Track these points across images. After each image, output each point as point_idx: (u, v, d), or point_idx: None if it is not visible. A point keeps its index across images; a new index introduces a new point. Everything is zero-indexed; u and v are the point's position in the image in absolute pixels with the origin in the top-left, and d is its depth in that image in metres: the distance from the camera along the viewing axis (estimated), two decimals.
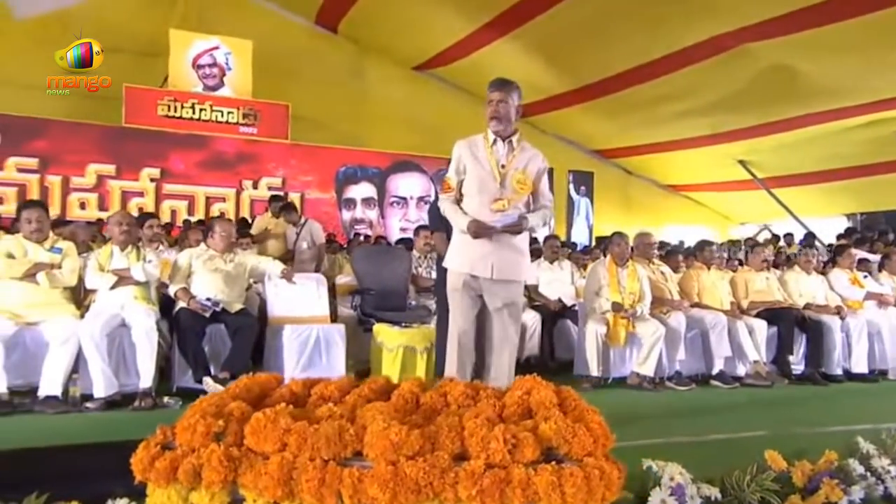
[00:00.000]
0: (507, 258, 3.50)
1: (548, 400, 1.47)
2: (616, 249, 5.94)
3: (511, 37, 12.47)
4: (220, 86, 12.78)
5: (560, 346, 6.37)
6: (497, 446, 1.21)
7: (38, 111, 11.63)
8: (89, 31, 12.31)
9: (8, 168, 11.32)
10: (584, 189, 15.12)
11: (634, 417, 4.69)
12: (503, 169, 3.51)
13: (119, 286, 4.62)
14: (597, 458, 1.26)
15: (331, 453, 1.22)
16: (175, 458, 1.31)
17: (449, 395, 1.53)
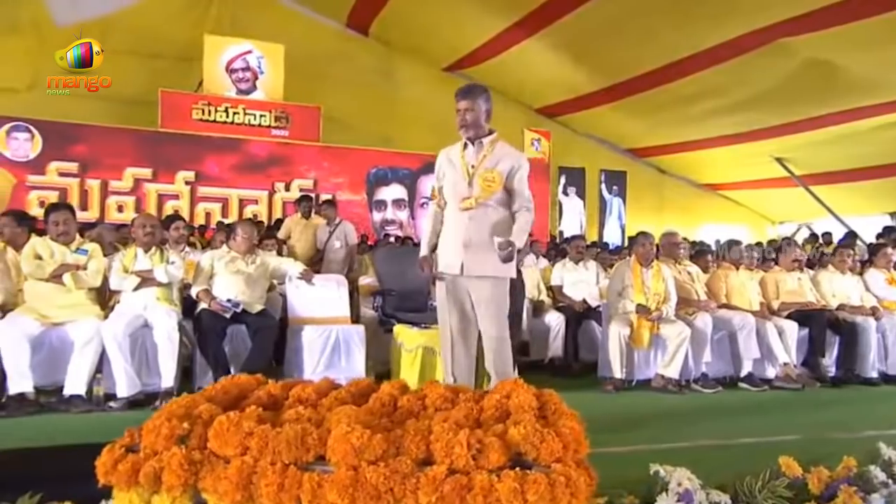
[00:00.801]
0: (476, 257, 3.53)
1: (526, 403, 1.44)
2: (641, 249, 5.84)
3: (540, 36, 12.38)
4: (253, 89, 12.95)
5: (584, 348, 6.28)
6: (460, 451, 1.19)
7: (78, 117, 11.93)
8: (127, 37, 12.71)
9: (50, 172, 11.63)
10: (616, 188, 14.94)
11: (654, 420, 4.62)
12: (473, 169, 3.56)
13: (142, 287, 4.70)
14: (566, 464, 1.22)
15: (292, 457, 1.21)
16: (137, 462, 1.31)
17: (427, 398, 1.51)
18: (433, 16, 12.92)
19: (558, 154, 14.70)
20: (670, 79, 12.33)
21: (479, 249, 3.53)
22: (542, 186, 14.53)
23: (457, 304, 3.64)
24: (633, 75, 12.77)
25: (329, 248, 7.76)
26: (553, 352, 6.22)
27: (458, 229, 3.58)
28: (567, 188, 14.79)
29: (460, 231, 3.57)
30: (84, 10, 12.82)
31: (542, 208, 14.50)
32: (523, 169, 3.61)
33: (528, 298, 6.40)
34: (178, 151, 12.19)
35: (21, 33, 12.34)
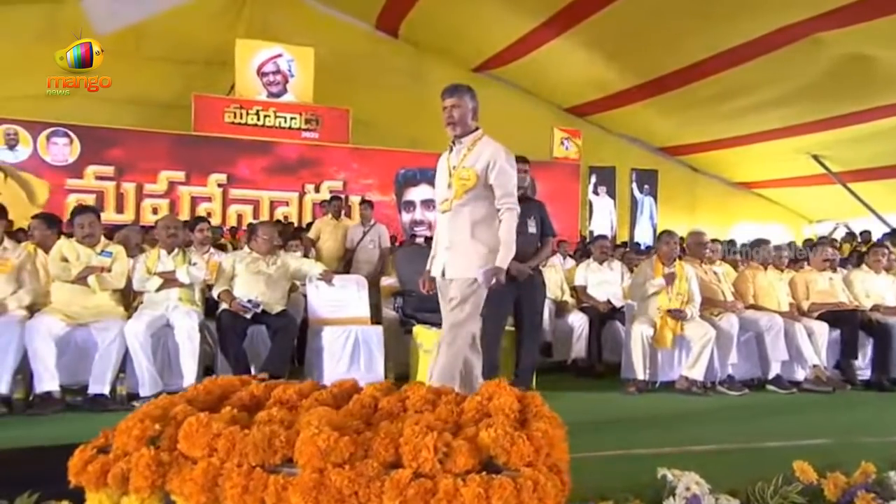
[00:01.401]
0: (455, 258, 3.47)
1: (507, 406, 1.41)
2: (664, 248, 5.75)
3: (569, 34, 12.28)
4: (284, 92, 13.09)
5: (608, 349, 6.20)
6: (427, 455, 1.17)
7: (114, 122, 12.21)
8: (161, 43, 12.97)
9: (87, 176, 11.90)
10: (647, 188, 14.74)
11: (675, 422, 4.54)
12: (453, 170, 3.48)
13: (165, 288, 4.77)
14: (537, 468, 1.19)
15: (259, 460, 1.20)
16: (106, 462, 1.32)
17: (408, 399, 1.50)
18: (462, 16, 12.91)
19: (588, 153, 14.56)
20: (703, 75, 12.13)
21: (460, 250, 3.44)
22: (572, 186, 14.42)
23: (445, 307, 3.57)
24: (665, 72, 12.59)
25: (361, 249, 7.81)
26: (576, 353, 6.16)
27: (441, 232, 3.55)
28: (597, 187, 14.64)
29: (442, 234, 3.53)
30: (121, 17, 13.11)
31: (572, 208, 14.38)
32: (500, 162, 3.41)
33: (550, 299, 6.34)
34: (211, 154, 12.38)
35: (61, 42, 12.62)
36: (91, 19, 13.01)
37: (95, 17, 13.05)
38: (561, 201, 14.25)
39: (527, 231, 4.84)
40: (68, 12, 12.74)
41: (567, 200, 14.27)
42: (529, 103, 14.99)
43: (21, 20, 12.01)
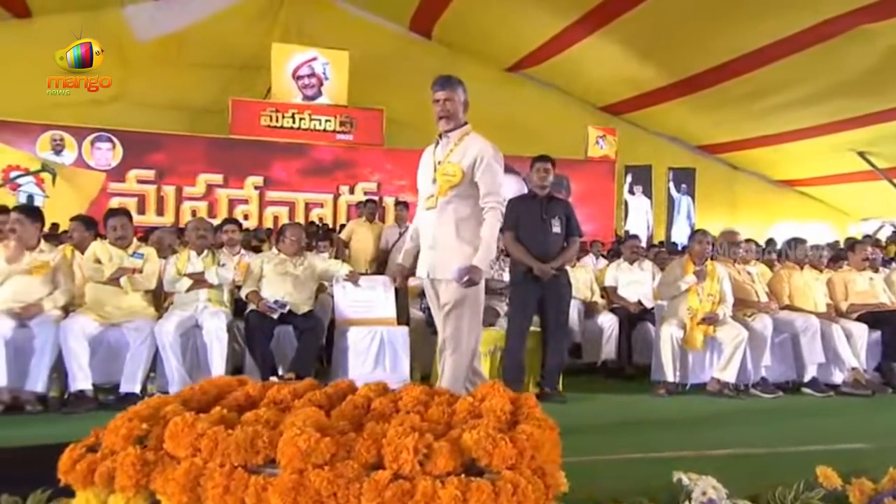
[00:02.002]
0: (440, 258, 3.32)
1: (499, 408, 1.39)
2: (696, 248, 5.63)
3: (603, 32, 12.16)
4: (318, 95, 13.23)
5: (639, 351, 6.09)
6: (406, 456, 1.16)
7: (155, 126, 12.50)
8: (200, 49, 13.23)
9: (129, 180, 12.21)
10: (685, 187, 14.48)
11: (703, 425, 4.47)
12: (439, 165, 3.35)
13: (194, 289, 4.85)
14: (520, 471, 1.17)
15: (241, 460, 1.21)
16: (93, 461, 1.33)
17: (401, 401, 1.49)
18: (495, 16, 12.87)
19: (624, 152, 14.38)
20: (742, 71, 11.89)
21: (445, 250, 3.29)
22: (607, 185, 14.27)
23: (434, 307, 3.48)
24: (701, 70, 12.38)
25: (397, 250, 7.83)
26: (606, 354, 6.07)
27: (426, 230, 3.39)
28: (633, 187, 14.44)
29: (427, 232, 3.38)
30: (161, 25, 13.44)
31: (608, 208, 14.23)
32: (487, 159, 3.27)
33: (579, 299, 6.28)
34: (248, 157, 12.57)
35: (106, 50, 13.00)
36: (133, 27, 13.36)
37: (137, 24, 13.40)
38: (596, 201, 14.12)
39: (550, 231, 4.81)
40: (110, 20, 13.10)
41: (602, 200, 14.13)
42: (563, 102, 14.88)
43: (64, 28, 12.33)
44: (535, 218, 4.85)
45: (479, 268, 3.19)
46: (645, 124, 15.07)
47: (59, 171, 10.84)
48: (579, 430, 4.24)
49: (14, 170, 10.78)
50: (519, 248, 4.86)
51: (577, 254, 6.32)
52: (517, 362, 4.86)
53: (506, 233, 4.86)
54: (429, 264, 3.35)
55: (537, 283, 4.78)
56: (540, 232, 4.82)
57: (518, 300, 4.90)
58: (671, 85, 13.24)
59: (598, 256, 8.67)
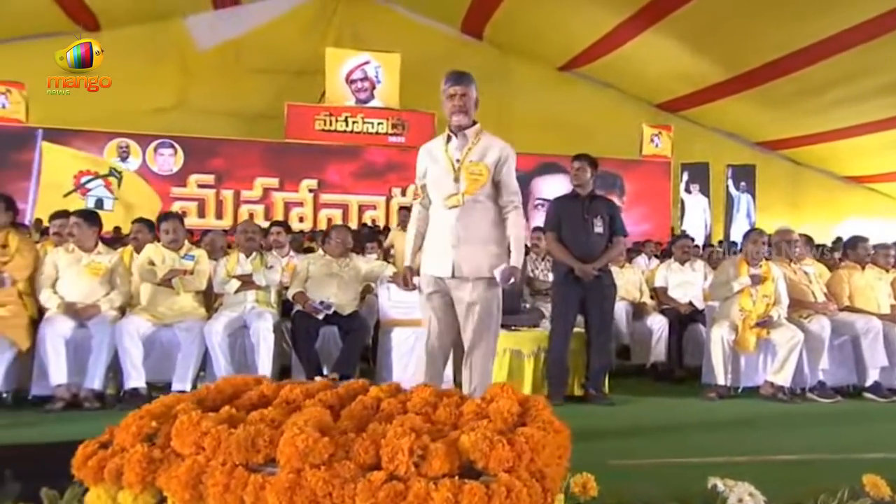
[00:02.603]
0: (467, 256, 3.25)
1: (505, 410, 1.37)
2: (750, 248, 5.44)
3: (657, 28, 11.93)
4: (371, 98, 13.39)
5: (690, 353, 5.94)
6: (402, 458, 1.15)
7: (215, 132, 12.88)
8: (258, 56, 13.57)
9: (190, 184, 12.61)
10: (744, 184, 14.05)
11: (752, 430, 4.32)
12: (458, 164, 3.29)
13: (243, 290, 4.96)
14: (517, 474, 1.15)
15: (242, 458, 1.22)
16: (104, 458, 1.37)
17: (409, 402, 1.48)
18: (546, 15, 12.79)
19: (680, 150, 14.06)
20: (804, 64, 11.49)
21: (471, 249, 3.24)
22: (662, 184, 13.97)
23: (442, 312, 3.36)
24: (761, 63, 12.02)
25: None
26: (655, 356, 5.93)
27: (446, 228, 3.29)
28: (690, 185, 14.09)
29: (447, 230, 3.28)
30: (221, 33, 13.88)
31: (663, 207, 13.94)
32: (510, 159, 3.31)
33: (628, 301, 6.17)
34: (302, 161, 12.82)
35: (168, 59, 13.53)
36: (194, 36, 13.82)
37: (198, 34, 13.87)
38: (651, 200, 13.86)
39: (592, 231, 4.74)
40: (173, 31, 13.59)
41: (658, 199, 13.86)
42: (617, 100, 14.66)
43: (130, 40, 12.87)
44: (578, 218, 4.78)
45: (517, 268, 3.23)
46: (701, 121, 14.71)
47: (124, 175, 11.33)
48: (623, 432, 4.18)
49: (86, 175, 11.31)
50: (560, 249, 4.80)
51: (621, 254, 6.22)
52: (560, 363, 4.80)
53: (547, 233, 4.82)
54: (452, 262, 3.26)
55: (579, 284, 4.71)
56: (582, 232, 4.75)
57: (560, 301, 4.84)
58: (728, 80, 12.90)
59: (651, 257, 8.50)
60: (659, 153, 13.87)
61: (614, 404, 4.83)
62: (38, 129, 10.96)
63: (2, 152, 11.39)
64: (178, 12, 13.49)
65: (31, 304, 4.56)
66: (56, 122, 11.36)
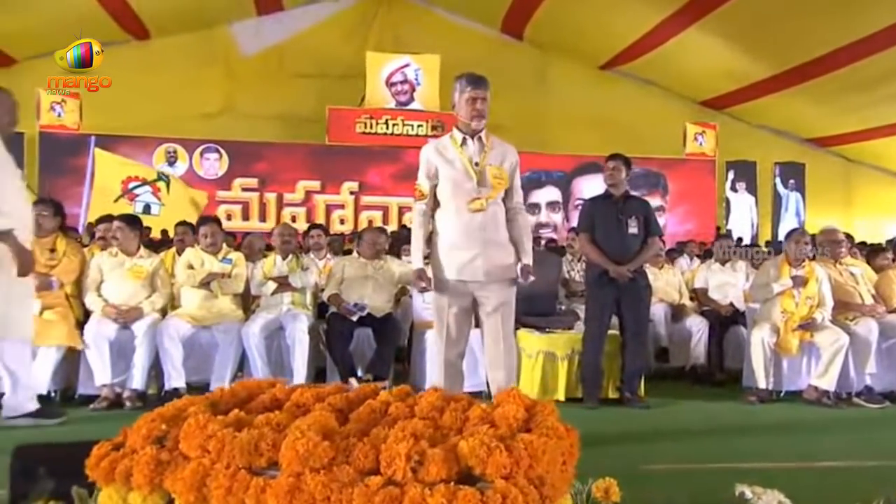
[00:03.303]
0: (496, 257, 3.34)
1: (511, 415, 1.37)
2: (792, 247, 5.30)
3: (702, 24, 11.68)
4: (411, 101, 13.45)
5: (731, 356, 5.81)
6: (399, 463, 1.16)
7: (259, 136, 13.11)
8: (300, 60, 13.77)
9: (234, 188, 12.84)
10: (793, 182, 13.67)
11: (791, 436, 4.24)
12: (477, 167, 3.33)
13: (279, 292, 5.05)
14: (515, 481, 1.15)
15: (245, 462, 1.25)
16: (115, 459, 1.42)
17: (417, 406, 1.49)
18: (587, 14, 12.66)
19: (725, 148, 13.74)
20: (854, 59, 11.11)
21: (497, 251, 3.35)
22: (707, 183, 13.68)
23: (462, 314, 3.38)
24: (810, 58, 11.65)
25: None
26: (695, 359, 5.84)
27: (470, 232, 3.31)
28: (735, 184, 13.77)
29: (472, 233, 3.30)
30: (265, 38, 14.12)
31: (708, 207, 13.65)
32: (518, 162, 3.51)
33: (667, 302, 6.07)
34: (344, 163, 12.95)
35: (214, 64, 13.83)
36: (239, 42, 14.10)
37: (243, 39, 14.13)
38: (695, 200, 13.60)
39: (627, 231, 4.68)
40: (218, 37, 13.88)
41: (702, 199, 13.58)
42: (660, 98, 14.41)
43: (178, 48, 13.20)
44: (611, 218, 4.74)
45: (531, 265, 3.39)
46: (748, 118, 14.36)
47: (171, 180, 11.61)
48: (658, 436, 4.12)
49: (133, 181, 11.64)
50: (594, 250, 4.76)
51: (658, 254, 6.13)
52: (595, 366, 4.76)
53: (581, 234, 4.80)
54: (482, 266, 3.29)
55: (614, 286, 4.66)
56: (616, 233, 4.71)
57: (594, 303, 4.80)
58: (776, 76, 12.54)
59: (693, 257, 8.35)
60: (703, 151, 13.59)
61: (650, 408, 4.78)
62: (90, 136, 11.31)
63: (58, 159, 11.81)
64: (223, 19, 13.76)
65: (77, 307, 4.74)
66: (108, 129, 11.71)
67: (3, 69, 12.35)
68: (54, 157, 11.79)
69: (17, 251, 3.39)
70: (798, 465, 3.45)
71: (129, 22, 12.66)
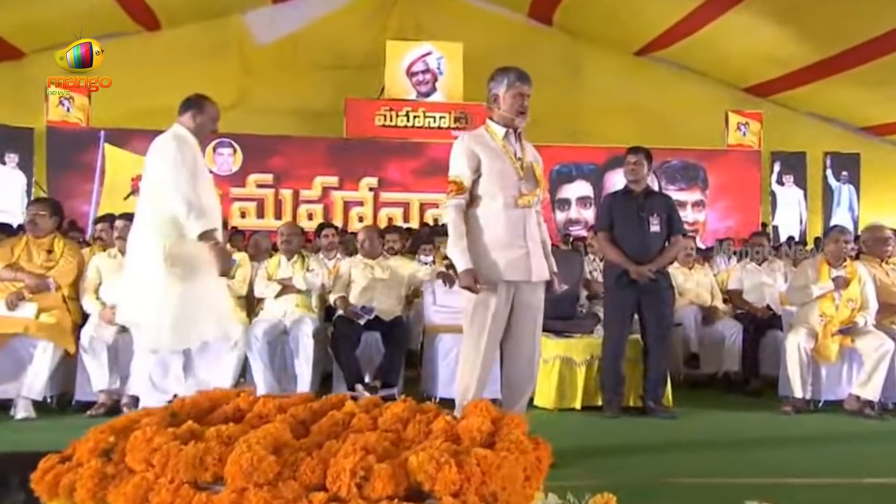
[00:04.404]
0: (539, 257, 3.43)
1: (475, 428, 1.37)
2: (832, 247, 5.20)
3: (743, 6, 11.52)
4: (433, 91, 13.48)
5: (767, 362, 5.71)
6: (344, 479, 1.17)
7: (274, 130, 13.24)
8: (316, 50, 13.87)
9: (249, 184, 12.99)
10: (846, 175, 13.40)
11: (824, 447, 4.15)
12: (521, 162, 3.37)
13: (284, 294, 5.09)
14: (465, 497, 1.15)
15: (189, 476, 1.27)
16: (59, 472, 1.44)
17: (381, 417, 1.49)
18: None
19: (771, 138, 13.50)
20: None
21: (538, 250, 3.43)
22: (751, 175, 13.48)
23: (501, 322, 3.36)
24: (863, 40, 11.39)
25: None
26: (728, 365, 5.74)
27: (516, 228, 3.33)
28: (782, 176, 13.53)
29: (519, 230, 3.33)
30: (280, 27, 14.24)
31: (752, 201, 13.44)
32: None
33: (697, 305, 5.99)
34: (362, 158, 13.02)
35: (227, 55, 13.98)
36: (253, 32, 14.24)
37: (257, 29, 14.28)
38: (738, 194, 13.41)
39: (648, 230, 4.65)
40: (232, 27, 14.04)
41: (745, 192, 13.39)
42: (700, 86, 14.22)
43: (190, 38, 13.38)
44: (632, 216, 4.70)
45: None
46: (796, 105, 14.08)
47: None
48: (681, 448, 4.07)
49: None
50: (613, 250, 4.72)
51: (686, 253, 6.06)
52: (615, 373, 4.73)
53: (599, 233, 4.77)
54: (530, 265, 3.35)
55: (634, 287, 4.62)
56: (637, 231, 4.67)
57: (614, 306, 4.77)
58: (827, 59, 12.29)
59: (730, 256, 8.23)
60: (746, 142, 13.37)
61: (676, 417, 4.72)
62: (100, 131, 11.50)
63: (67, 154, 12.02)
64: (236, 8, 13.91)
65: (75, 310, 4.83)
66: (118, 124, 11.91)
67: (12, 62, 12.63)
68: (63, 152, 12.01)
69: (218, 251, 3.58)
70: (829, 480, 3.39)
71: (140, 12, 12.86)
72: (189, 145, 3.69)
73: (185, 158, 3.58)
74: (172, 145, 3.62)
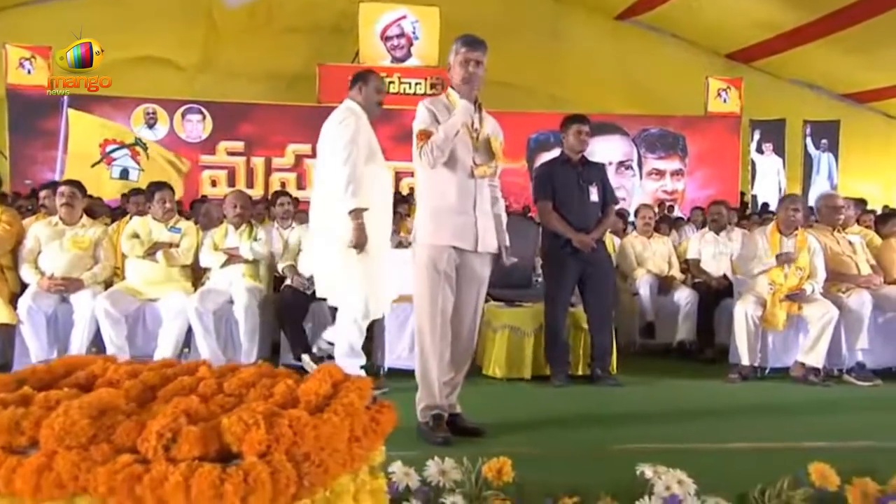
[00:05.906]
0: (488, 228, 3.47)
1: (313, 391, 1.41)
2: (782, 215, 5.27)
3: None
4: (408, 56, 13.38)
5: (723, 331, 5.79)
6: (151, 441, 1.21)
7: (244, 96, 13.13)
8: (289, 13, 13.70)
9: (219, 152, 12.89)
10: (825, 142, 13.43)
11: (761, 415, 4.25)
12: (476, 133, 3.44)
13: (230, 264, 5.11)
14: (270, 459, 1.19)
15: (5, 440, 1.29)
16: None
17: (226, 382, 1.53)
18: None
19: (752, 105, 13.48)
20: None
21: (488, 222, 3.48)
22: (730, 143, 13.49)
23: (449, 283, 3.40)
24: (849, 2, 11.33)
25: None
26: (683, 334, 5.83)
27: (468, 197, 3.40)
28: (762, 144, 13.55)
29: (469, 199, 3.40)
30: None
31: (731, 169, 13.47)
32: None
33: (653, 274, 6.05)
34: None
35: (194, 19, 13.76)
36: None
37: None
38: (717, 162, 13.44)
39: (588, 199, 4.69)
40: None
41: (724, 161, 13.40)
42: (682, 51, 14.18)
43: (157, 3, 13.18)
44: (572, 185, 4.75)
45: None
46: (778, 72, 14.08)
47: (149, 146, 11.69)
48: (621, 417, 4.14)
49: (111, 143, 11.73)
50: (558, 220, 4.75)
51: (639, 222, 6.11)
52: (560, 342, 4.79)
53: (539, 202, 4.80)
54: (479, 236, 3.42)
55: (576, 257, 4.66)
56: (577, 201, 4.72)
57: (558, 275, 4.81)
58: (811, 23, 12.28)
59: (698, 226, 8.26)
60: (727, 109, 13.35)
61: (622, 385, 4.80)
62: (63, 96, 11.35)
63: (29, 120, 11.82)
64: None
65: (13, 279, 4.84)
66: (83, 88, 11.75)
67: None
68: (24, 118, 11.81)
69: (358, 228, 3.88)
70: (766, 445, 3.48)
71: None
72: (359, 119, 4.11)
73: (354, 133, 4.03)
74: (348, 121, 4.11)
